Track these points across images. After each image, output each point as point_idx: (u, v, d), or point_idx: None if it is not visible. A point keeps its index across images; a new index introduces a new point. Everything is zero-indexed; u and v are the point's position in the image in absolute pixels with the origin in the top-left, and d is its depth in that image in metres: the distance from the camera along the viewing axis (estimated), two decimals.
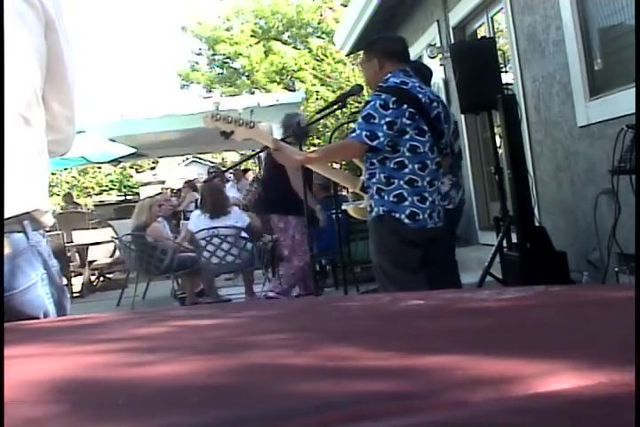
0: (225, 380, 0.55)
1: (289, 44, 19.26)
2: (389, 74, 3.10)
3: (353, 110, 7.00)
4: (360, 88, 3.52)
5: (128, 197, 20.34)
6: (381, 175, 3.04)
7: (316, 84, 16.73)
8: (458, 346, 0.60)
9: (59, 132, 1.29)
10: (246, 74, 19.43)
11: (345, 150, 3.20)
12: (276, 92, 17.01)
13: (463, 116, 5.90)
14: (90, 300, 7.07)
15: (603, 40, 4.18)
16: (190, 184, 10.70)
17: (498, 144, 4.55)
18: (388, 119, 2.95)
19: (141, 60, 79.87)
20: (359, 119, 3.00)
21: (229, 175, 10.92)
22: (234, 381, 0.54)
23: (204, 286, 6.22)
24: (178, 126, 10.24)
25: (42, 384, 0.58)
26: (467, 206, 6.27)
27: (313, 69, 17.02)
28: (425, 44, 6.88)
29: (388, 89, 3.02)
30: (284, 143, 3.22)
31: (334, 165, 5.33)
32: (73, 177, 27.07)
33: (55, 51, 1.21)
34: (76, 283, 7.60)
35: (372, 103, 2.99)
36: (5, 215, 1.10)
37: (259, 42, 18.97)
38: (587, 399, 0.43)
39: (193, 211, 7.09)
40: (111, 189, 27.98)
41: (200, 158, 25.80)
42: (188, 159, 26.49)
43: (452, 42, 6.11)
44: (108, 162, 10.84)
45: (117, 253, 7.60)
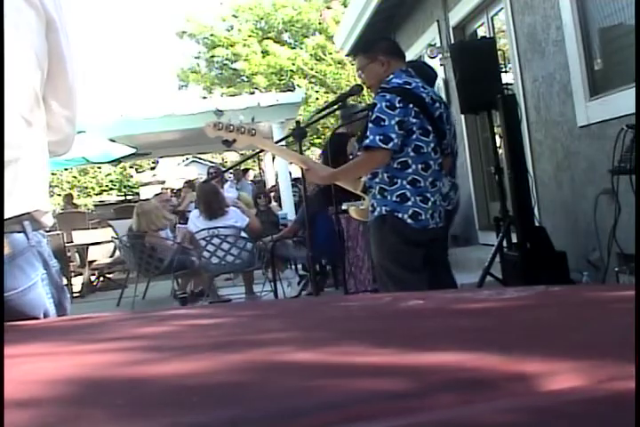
0: (225, 379, 0.55)
1: (288, 44, 19.25)
2: (391, 75, 3.10)
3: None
4: (360, 88, 3.52)
5: (128, 197, 20.35)
6: (384, 175, 3.04)
7: (313, 88, 16.73)
8: (458, 346, 0.60)
9: (59, 132, 1.29)
10: (245, 76, 19.42)
11: (370, 162, 3.07)
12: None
13: (463, 116, 5.89)
14: (90, 300, 7.07)
15: (603, 40, 4.18)
16: (190, 184, 10.69)
17: (498, 144, 4.55)
18: (397, 119, 2.95)
19: (141, 61, 79.92)
20: (369, 124, 2.98)
21: (229, 175, 10.92)
22: (234, 380, 0.54)
23: (203, 286, 6.23)
24: (178, 126, 10.24)
25: (42, 384, 0.58)
26: (467, 206, 6.28)
27: (311, 70, 17.00)
28: (425, 44, 6.88)
29: (391, 89, 3.02)
30: (313, 161, 3.25)
31: None
32: (73, 177, 27.08)
33: (56, 51, 1.21)
34: (76, 283, 7.60)
35: (379, 106, 2.98)
36: (5, 215, 1.10)
37: (260, 40, 18.95)
38: (587, 399, 0.43)
39: (192, 211, 7.09)
40: (111, 189, 28.00)
41: (200, 158, 25.80)
42: (187, 159, 26.50)
43: (452, 42, 6.11)
44: (108, 162, 10.84)
45: (117, 253, 7.60)
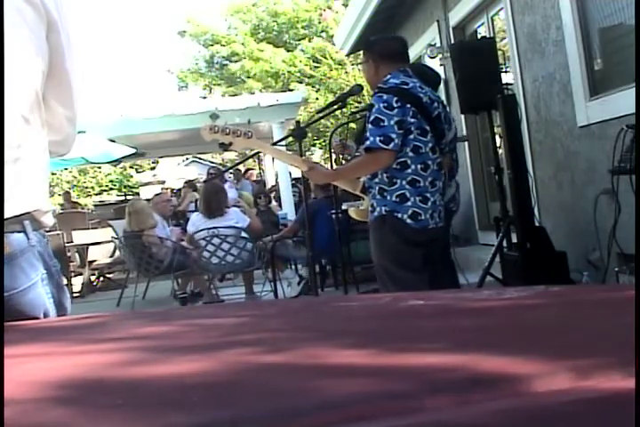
0: (225, 379, 0.55)
1: (288, 44, 19.25)
2: (389, 75, 3.10)
3: (353, 110, 7.01)
4: (360, 88, 3.52)
5: (128, 197, 20.32)
6: (384, 175, 3.04)
7: (311, 91, 16.74)
8: (458, 346, 0.60)
9: (59, 132, 1.29)
10: (241, 79, 19.43)
11: (373, 164, 3.05)
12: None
13: (463, 116, 5.89)
14: (90, 300, 7.07)
15: (603, 40, 4.18)
16: (190, 184, 10.69)
17: (498, 144, 4.55)
18: (396, 119, 2.95)
19: (141, 61, 79.89)
20: (369, 125, 2.98)
21: (229, 175, 10.91)
22: (234, 380, 0.54)
23: (201, 286, 6.23)
24: (178, 126, 10.24)
25: (42, 384, 0.58)
26: (467, 206, 6.28)
27: (311, 70, 17.00)
28: (425, 44, 6.88)
29: (388, 90, 3.02)
30: (313, 163, 3.26)
31: None
32: (73, 177, 27.07)
33: (56, 51, 1.21)
34: (76, 283, 7.60)
35: (377, 106, 2.98)
36: (6, 215, 1.10)
37: (259, 41, 18.95)
38: (586, 399, 0.43)
39: (193, 211, 7.09)
40: (111, 189, 27.99)
41: (200, 158, 25.79)
42: (187, 159, 26.49)
43: (452, 42, 6.11)
44: (107, 162, 10.84)
45: (117, 253, 7.60)
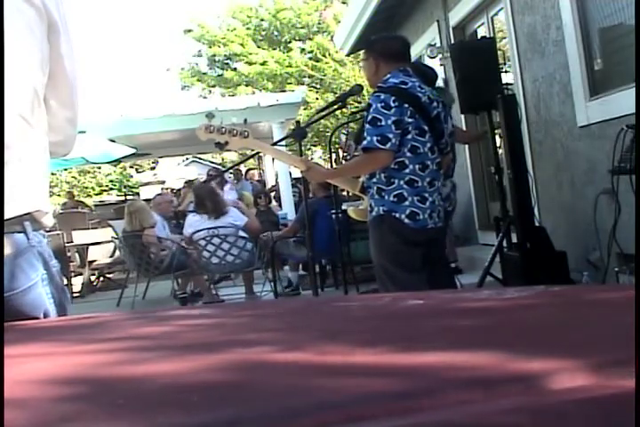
0: (225, 379, 0.55)
1: (287, 44, 19.25)
2: (389, 74, 3.10)
3: (353, 110, 7.01)
4: (360, 88, 3.52)
5: (128, 197, 20.33)
6: (382, 175, 3.04)
7: (311, 91, 16.75)
8: (458, 346, 0.60)
9: (60, 133, 1.29)
10: (235, 85, 19.45)
11: (371, 164, 3.06)
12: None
13: (463, 116, 5.89)
14: (90, 300, 7.07)
15: (603, 40, 4.18)
16: (190, 184, 10.69)
17: (498, 144, 4.55)
18: (393, 118, 2.95)
19: (142, 61, 79.92)
20: (367, 125, 2.98)
21: (229, 176, 10.91)
22: (234, 380, 0.54)
23: (200, 287, 6.23)
24: (178, 126, 10.24)
25: (42, 384, 0.58)
26: (467, 206, 6.29)
27: (311, 70, 17.00)
28: (425, 44, 6.88)
29: (387, 89, 3.02)
30: (311, 162, 3.27)
31: None
32: (73, 177, 27.08)
33: (57, 52, 1.21)
34: (76, 283, 7.59)
35: (374, 106, 2.98)
36: (6, 216, 1.10)
37: (261, 40, 18.96)
38: (586, 399, 0.43)
39: (192, 211, 7.08)
40: (111, 189, 28.00)
41: (200, 158, 25.80)
42: (187, 159, 26.51)
43: (452, 42, 6.11)
44: (107, 162, 10.84)
45: (117, 253, 7.60)
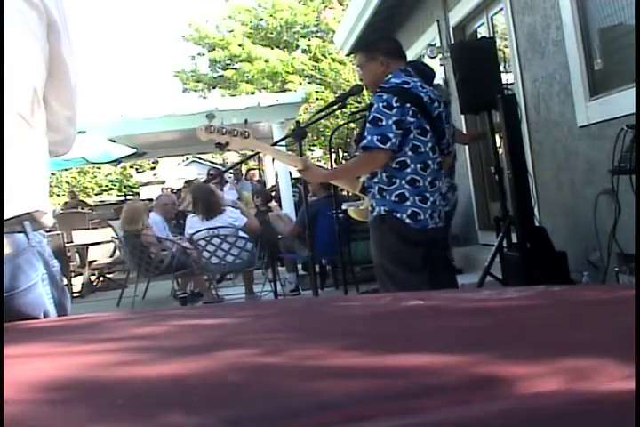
0: (225, 380, 0.55)
1: (287, 44, 19.26)
2: (390, 75, 3.10)
3: (353, 110, 7.01)
4: (360, 88, 3.52)
5: (128, 197, 20.34)
6: (383, 175, 3.04)
7: (306, 85, 16.75)
8: (458, 346, 0.60)
9: (59, 132, 1.29)
10: (235, 83, 19.45)
11: (370, 163, 3.06)
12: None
13: (463, 117, 5.89)
14: (90, 300, 7.07)
15: (603, 40, 4.18)
16: (190, 184, 10.69)
17: (498, 144, 4.55)
18: (394, 118, 2.95)
19: (142, 61, 79.90)
20: (367, 125, 2.98)
21: (229, 176, 10.91)
22: (234, 380, 0.54)
23: (200, 287, 6.23)
24: (178, 126, 10.24)
25: (42, 384, 0.58)
26: (467, 206, 6.28)
27: (310, 70, 17.00)
28: (425, 44, 6.88)
29: (389, 89, 3.02)
30: (310, 162, 3.25)
31: None
32: (73, 177, 27.08)
33: (57, 52, 1.21)
34: (76, 283, 7.59)
35: (376, 106, 2.98)
36: (6, 216, 1.10)
37: (252, 38, 18.97)
38: (586, 399, 0.43)
39: (188, 216, 7.07)
40: (111, 189, 28.00)
41: (200, 158, 25.80)
42: (187, 159, 26.49)
43: (452, 42, 6.11)
44: (107, 162, 10.84)
45: (117, 253, 7.60)
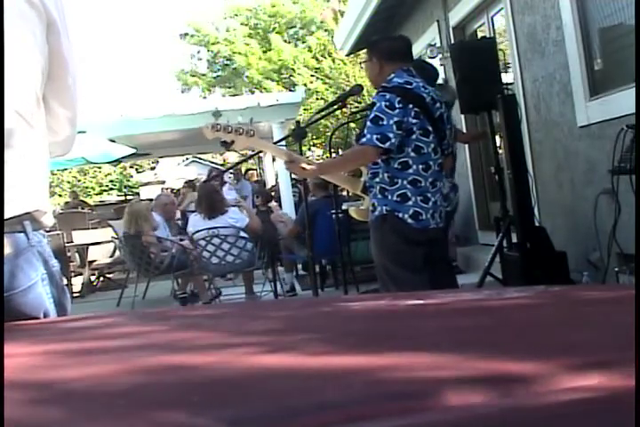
0: (225, 379, 0.55)
1: (289, 42, 19.28)
2: (392, 74, 3.09)
3: (353, 110, 7.00)
4: (360, 88, 3.52)
5: (128, 197, 20.35)
6: (385, 175, 3.04)
7: (313, 82, 16.73)
8: (457, 346, 0.60)
9: (60, 133, 1.29)
10: (244, 73, 19.44)
11: (360, 157, 3.09)
12: (272, 90, 17.05)
13: (463, 116, 5.89)
14: (90, 300, 7.07)
15: (603, 40, 4.18)
16: (190, 184, 10.69)
17: (498, 144, 4.55)
18: (395, 119, 2.94)
19: (141, 61, 79.91)
20: (368, 123, 2.98)
21: (228, 176, 10.90)
22: (234, 380, 0.54)
23: (199, 288, 6.23)
24: (178, 126, 10.24)
25: (42, 384, 0.58)
26: (467, 206, 6.28)
27: (311, 69, 17.02)
28: (425, 44, 6.88)
29: (391, 89, 3.02)
30: (297, 155, 3.20)
31: None
32: (73, 177, 27.09)
33: (57, 52, 1.21)
34: (76, 283, 7.59)
35: (378, 105, 2.98)
36: (6, 215, 1.10)
37: (256, 38, 18.97)
38: (586, 399, 0.43)
39: (193, 211, 7.08)
40: (111, 189, 28.01)
41: (200, 158, 25.81)
42: (187, 159, 26.51)
43: (452, 42, 6.11)
44: (107, 162, 10.84)
45: (117, 253, 7.60)
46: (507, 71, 5.23)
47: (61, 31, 1.21)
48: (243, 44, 19.01)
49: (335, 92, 15.50)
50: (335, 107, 3.55)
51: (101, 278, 8.33)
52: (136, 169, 28.04)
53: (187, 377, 0.56)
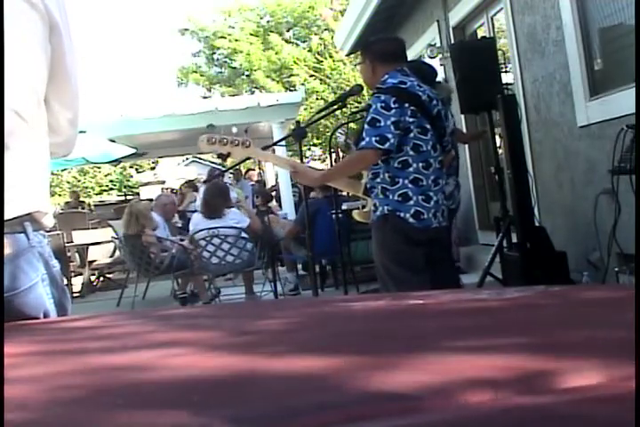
0: (225, 379, 0.55)
1: (290, 42, 19.25)
2: (386, 75, 3.09)
3: (353, 110, 7.00)
4: (360, 88, 3.52)
5: (128, 197, 20.35)
6: (386, 175, 3.04)
7: (311, 82, 16.73)
8: (458, 346, 0.60)
9: (61, 134, 1.29)
10: (245, 73, 19.42)
11: (361, 161, 3.10)
12: (274, 90, 17.04)
13: (463, 116, 5.89)
14: (90, 300, 7.07)
15: (603, 40, 4.18)
16: (190, 184, 10.68)
17: (498, 144, 4.55)
18: (393, 119, 2.95)
19: (141, 60, 79.89)
20: (365, 126, 2.99)
21: (228, 176, 10.89)
22: (234, 380, 0.54)
23: (198, 288, 6.23)
24: (178, 126, 10.24)
25: (42, 384, 0.58)
26: (467, 206, 6.28)
27: (311, 70, 17.01)
28: (425, 44, 6.88)
29: (386, 90, 3.02)
30: (299, 163, 3.24)
31: None
32: (73, 177, 27.10)
33: (59, 54, 1.21)
34: (76, 283, 7.60)
35: (374, 107, 2.98)
36: (6, 216, 1.10)
37: (259, 38, 18.94)
38: (586, 399, 0.43)
39: (193, 211, 7.08)
40: (111, 189, 28.02)
41: (200, 158, 25.79)
42: (187, 159, 26.50)
43: (452, 42, 6.11)
44: (107, 162, 10.84)
45: (117, 253, 7.60)
46: (507, 71, 5.23)
47: (64, 33, 1.21)
48: (246, 42, 18.96)
49: (335, 92, 15.50)
50: (335, 107, 3.56)
51: (101, 278, 8.33)
52: (136, 169, 28.04)
53: (187, 377, 0.57)
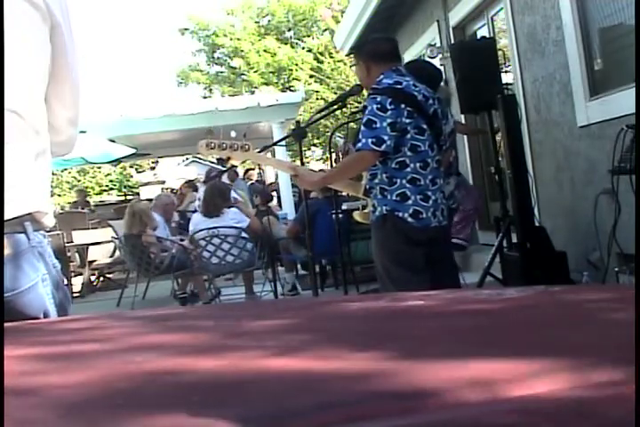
0: (225, 379, 0.55)
1: (290, 42, 19.24)
2: (382, 75, 3.09)
3: (353, 110, 7.00)
4: (360, 88, 3.52)
5: (128, 197, 20.34)
6: (383, 175, 3.04)
7: (311, 84, 16.73)
8: (457, 346, 0.60)
9: (61, 133, 1.30)
10: (242, 74, 19.41)
11: (359, 163, 3.11)
12: (271, 92, 17.04)
13: (463, 116, 5.89)
14: (90, 300, 7.07)
15: (603, 40, 4.18)
16: (190, 184, 10.68)
17: (498, 144, 4.55)
18: (389, 120, 2.94)
19: (141, 60, 79.88)
20: (362, 127, 3.00)
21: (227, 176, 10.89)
22: (234, 380, 0.54)
23: (198, 288, 6.23)
24: (178, 126, 10.24)
25: (42, 384, 0.58)
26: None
27: (311, 70, 17.00)
28: (425, 44, 6.88)
29: (382, 91, 3.02)
30: (300, 167, 3.25)
31: None
32: (73, 177, 27.08)
33: (60, 54, 1.21)
34: (76, 283, 7.60)
35: (370, 108, 2.99)
36: (7, 216, 1.10)
37: (260, 39, 18.93)
38: (586, 399, 0.43)
39: (193, 211, 7.09)
40: (111, 189, 28.01)
41: (200, 158, 25.76)
42: (187, 159, 26.48)
43: (452, 42, 6.11)
44: (107, 162, 10.84)
45: (117, 253, 7.60)
46: (507, 71, 5.23)
47: (65, 33, 1.21)
48: (247, 41, 18.93)
49: (335, 93, 15.50)
50: (335, 107, 3.56)
51: (101, 278, 8.33)
52: (136, 169, 28.03)
53: (187, 377, 0.57)
